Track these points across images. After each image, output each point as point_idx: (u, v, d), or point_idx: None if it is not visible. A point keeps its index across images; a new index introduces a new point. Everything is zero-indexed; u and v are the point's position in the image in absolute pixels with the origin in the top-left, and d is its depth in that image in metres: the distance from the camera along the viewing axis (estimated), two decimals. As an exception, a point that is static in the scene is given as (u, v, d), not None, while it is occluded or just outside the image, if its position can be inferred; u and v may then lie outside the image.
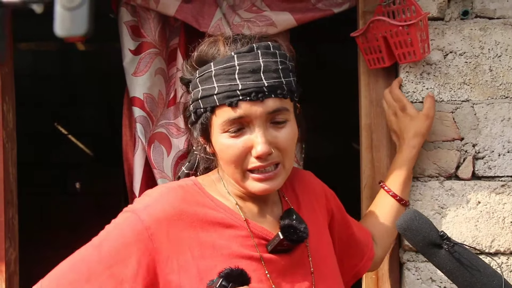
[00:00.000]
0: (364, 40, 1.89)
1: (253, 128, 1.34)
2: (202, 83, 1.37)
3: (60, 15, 0.56)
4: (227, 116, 1.33)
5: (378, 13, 1.86)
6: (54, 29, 0.57)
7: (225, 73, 1.34)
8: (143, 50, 2.15)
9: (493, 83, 1.87)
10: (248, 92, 1.32)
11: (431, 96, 1.83)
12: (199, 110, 1.38)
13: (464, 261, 1.40)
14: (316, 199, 1.59)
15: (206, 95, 1.35)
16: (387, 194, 1.81)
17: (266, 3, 2.08)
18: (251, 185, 1.38)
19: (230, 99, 1.32)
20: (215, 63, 1.36)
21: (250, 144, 1.35)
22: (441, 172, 1.88)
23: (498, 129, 1.86)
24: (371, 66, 1.92)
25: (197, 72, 1.39)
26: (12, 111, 2.06)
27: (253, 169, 1.37)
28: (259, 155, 1.34)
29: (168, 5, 2.08)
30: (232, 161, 1.36)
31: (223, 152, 1.37)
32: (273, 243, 1.40)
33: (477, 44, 1.87)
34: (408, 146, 1.80)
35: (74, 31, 0.56)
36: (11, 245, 2.01)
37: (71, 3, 0.55)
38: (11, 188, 2.03)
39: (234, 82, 1.32)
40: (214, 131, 1.38)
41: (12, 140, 2.05)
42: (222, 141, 1.36)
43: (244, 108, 1.32)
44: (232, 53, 1.36)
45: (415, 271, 1.89)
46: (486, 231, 1.86)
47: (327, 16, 2.07)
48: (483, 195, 1.86)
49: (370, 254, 1.71)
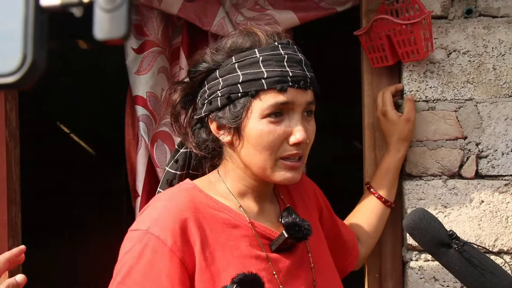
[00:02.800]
0: (367, 39, 1.89)
1: (292, 116, 1.37)
2: (244, 68, 1.36)
3: (99, 18, 0.56)
4: (275, 100, 1.34)
5: (381, 12, 1.86)
6: (93, 32, 0.56)
7: (274, 59, 1.36)
8: (146, 49, 2.15)
9: (497, 82, 1.86)
10: (297, 79, 1.36)
11: (410, 99, 1.85)
12: (234, 95, 1.36)
13: (474, 261, 1.38)
14: (307, 197, 1.62)
15: (251, 79, 1.35)
16: (373, 196, 1.84)
17: (269, 1, 2.08)
18: (281, 173, 1.39)
19: (281, 84, 1.34)
20: (260, 50, 1.37)
21: (289, 131, 1.36)
22: (444, 171, 1.88)
23: (502, 128, 1.86)
24: (374, 65, 1.92)
25: (233, 58, 1.38)
26: (15, 110, 2.06)
27: (286, 157, 1.38)
28: (298, 141, 1.36)
29: (171, 4, 2.08)
30: (269, 147, 1.36)
31: (261, 137, 1.36)
32: (278, 242, 1.40)
33: (480, 43, 1.87)
34: (393, 149, 1.85)
35: (113, 34, 0.56)
36: (14, 243, 2.01)
37: (110, 5, 0.55)
38: (14, 187, 2.03)
39: (284, 69, 1.35)
40: (251, 116, 1.36)
41: (15, 139, 2.05)
42: (262, 126, 1.36)
43: (291, 94, 1.35)
44: (276, 42, 1.39)
45: (418, 270, 1.88)
46: (490, 230, 1.85)
47: (330, 14, 2.07)
48: (486, 194, 1.86)
49: (355, 253, 1.75)
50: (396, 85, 1.89)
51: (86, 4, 0.56)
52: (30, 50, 0.56)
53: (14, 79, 0.56)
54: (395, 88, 1.88)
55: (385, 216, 1.85)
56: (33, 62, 0.56)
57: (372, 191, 1.85)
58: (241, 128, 1.38)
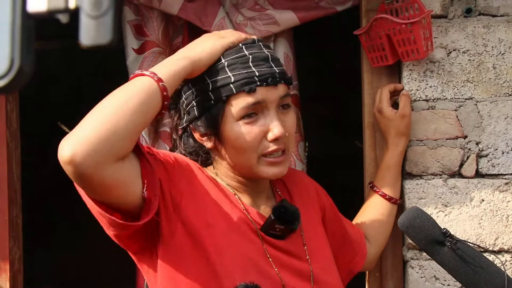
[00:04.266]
0: (367, 38, 1.89)
1: (267, 113, 1.40)
2: (212, 75, 1.40)
3: (84, 24, 0.56)
4: (245, 102, 1.38)
5: (381, 11, 1.86)
6: (79, 38, 0.57)
7: (239, 62, 1.39)
8: (146, 49, 2.15)
9: (497, 81, 1.86)
10: (264, 78, 1.38)
11: (405, 94, 1.85)
12: (207, 103, 1.40)
13: (467, 258, 1.40)
14: (308, 197, 1.63)
15: (220, 85, 1.39)
16: (376, 194, 1.85)
17: (269, 1, 2.08)
18: (265, 170, 1.42)
19: (248, 85, 1.37)
20: (225, 55, 1.40)
21: (266, 129, 1.40)
22: (444, 170, 1.88)
23: (502, 127, 1.86)
24: (374, 64, 1.92)
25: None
26: (16, 110, 2.06)
27: (267, 154, 1.41)
28: (276, 136, 1.39)
29: (171, 4, 2.08)
30: (249, 147, 1.40)
31: (239, 139, 1.39)
32: (266, 225, 1.44)
33: (480, 42, 1.87)
34: (392, 145, 1.85)
35: (99, 40, 0.56)
36: (15, 244, 2.02)
37: (95, 12, 0.56)
38: (15, 187, 2.03)
39: (250, 70, 1.39)
40: (226, 121, 1.40)
41: (15, 140, 2.05)
42: (239, 128, 1.39)
43: (261, 93, 1.38)
44: (240, 44, 1.41)
45: (418, 269, 1.89)
46: (490, 229, 1.85)
47: (330, 14, 2.07)
48: (486, 193, 1.86)
49: (362, 252, 1.75)
50: (395, 84, 1.89)
51: (72, 10, 0.57)
52: (17, 56, 0.56)
53: (1, 83, 0.57)
54: (394, 87, 1.88)
55: (392, 214, 1.85)
56: (20, 67, 0.56)
57: (375, 189, 1.85)
58: (220, 134, 1.41)
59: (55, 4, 0.57)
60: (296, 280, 1.44)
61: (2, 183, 1.98)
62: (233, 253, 1.37)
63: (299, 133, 2.14)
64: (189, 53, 1.37)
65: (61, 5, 0.57)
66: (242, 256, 1.38)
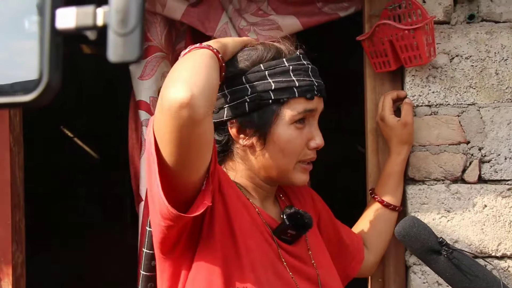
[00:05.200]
0: (370, 44, 1.89)
1: (312, 123, 1.48)
2: (274, 76, 1.42)
3: (113, 41, 0.57)
4: (303, 108, 1.44)
5: (384, 17, 1.87)
6: (107, 55, 0.58)
7: (302, 69, 1.45)
8: (149, 54, 2.16)
9: (499, 87, 1.87)
10: (319, 89, 1.47)
11: (408, 103, 1.86)
12: (265, 101, 1.42)
13: (463, 267, 1.41)
14: (304, 201, 1.66)
15: (283, 87, 1.42)
16: (376, 202, 1.86)
17: (272, 7, 2.08)
18: (298, 175, 1.48)
19: (310, 93, 1.44)
20: (288, 60, 1.45)
21: (310, 137, 1.47)
22: (447, 175, 1.88)
23: (505, 133, 1.86)
24: (377, 70, 1.92)
25: (261, 66, 1.43)
26: (19, 115, 2.07)
27: (304, 161, 1.48)
28: (318, 146, 1.48)
29: (174, 9, 2.09)
30: (295, 151, 1.45)
31: (290, 142, 1.44)
32: (279, 229, 1.46)
33: (483, 48, 1.87)
34: (394, 153, 1.86)
35: (126, 57, 0.58)
36: (18, 248, 2.02)
37: (124, 29, 0.57)
38: (18, 191, 2.03)
39: (310, 79, 1.45)
40: (279, 122, 1.43)
41: (19, 144, 2.06)
42: (291, 132, 1.44)
43: (316, 102, 1.46)
44: (298, 52, 1.47)
45: (421, 274, 1.88)
46: (493, 234, 1.85)
47: (333, 20, 2.07)
48: (489, 198, 1.86)
49: (359, 257, 1.76)
50: (398, 91, 1.89)
51: (100, 27, 0.58)
52: (46, 71, 0.58)
53: (30, 98, 0.58)
54: (397, 94, 1.88)
55: (392, 221, 1.85)
56: (48, 82, 0.58)
57: (375, 197, 1.86)
58: (268, 133, 1.43)
59: (83, 21, 0.58)
60: (307, 285, 1.46)
61: (5, 188, 1.98)
62: (256, 252, 1.38)
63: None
64: (217, 40, 1.41)
65: (89, 22, 0.58)
66: (263, 256, 1.39)
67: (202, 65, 1.27)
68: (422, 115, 1.89)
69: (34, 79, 0.58)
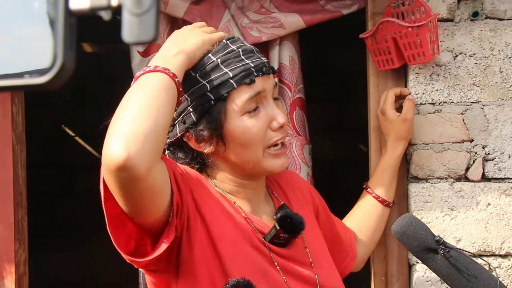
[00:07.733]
0: (373, 42, 1.89)
1: (266, 104, 1.41)
2: (206, 75, 1.37)
3: (128, 22, 0.57)
4: (248, 95, 1.38)
5: (387, 14, 1.86)
6: (122, 35, 0.58)
7: (232, 57, 1.38)
8: (151, 52, 2.15)
9: (503, 85, 1.86)
10: (259, 68, 1.39)
11: (410, 99, 1.85)
12: (206, 105, 1.37)
13: (460, 266, 1.41)
14: (302, 196, 1.63)
15: (219, 83, 1.37)
16: (369, 196, 1.84)
17: (274, 4, 2.08)
18: (271, 162, 1.43)
19: (248, 77, 1.37)
20: (214, 53, 1.38)
21: (269, 118, 1.41)
22: (450, 173, 1.88)
23: (509, 131, 1.85)
24: (380, 68, 1.91)
25: (190, 71, 1.38)
26: (22, 113, 2.06)
27: (271, 146, 1.42)
28: (281, 124, 1.41)
29: (176, 7, 2.08)
30: (256, 140, 1.40)
31: (246, 133, 1.39)
32: (270, 235, 1.42)
33: (487, 45, 1.86)
34: (390, 148, 1.85)
35: (142, 37, 0.57)
36: (20, 246, 2.02)
37: (139, 9, 0.57)
38: (20, 190, 2.03)
39: (244, 62, 1.38)
40: (230, 118, 1.38)
41: (21, 142, 2.05)
42: (244, 123, 1.39)
43: (259, 83, 1.39)
44: (224, 40, 1.41)
45: (424, 273, 1.88)
46: (496, 233, 1.85)
47: (336, 17, 2.07)
48: (493, 196, 1.86)
49: (353, 253, 1.74)
50: (402, 88, 1.89)
51: (115, 7, 0.57)
52: (60, 52, 0.57)
53: (44, 79, 0.57)
54: (400, 91, 1.87)
55: (384, 216, 1.84)
56: (63, 64, 0.57)
57: (369, 191, 1.85)
58: (223, 133, 1.39)
59: (98, 1, 0.58)
60: (303, 287, 1.44)
61: (8, 186, 1.98)
62: (244, 263, 1.36)
63: (304, 136, 2.14)
64: (183, 47, 1.33)
65: (104, 2, 0.58)
66: (252, 266, 1.37)
67: (151, 103, 1.19)
68: (426, 113, 1.88)
69: (48, 61, 0.57)
